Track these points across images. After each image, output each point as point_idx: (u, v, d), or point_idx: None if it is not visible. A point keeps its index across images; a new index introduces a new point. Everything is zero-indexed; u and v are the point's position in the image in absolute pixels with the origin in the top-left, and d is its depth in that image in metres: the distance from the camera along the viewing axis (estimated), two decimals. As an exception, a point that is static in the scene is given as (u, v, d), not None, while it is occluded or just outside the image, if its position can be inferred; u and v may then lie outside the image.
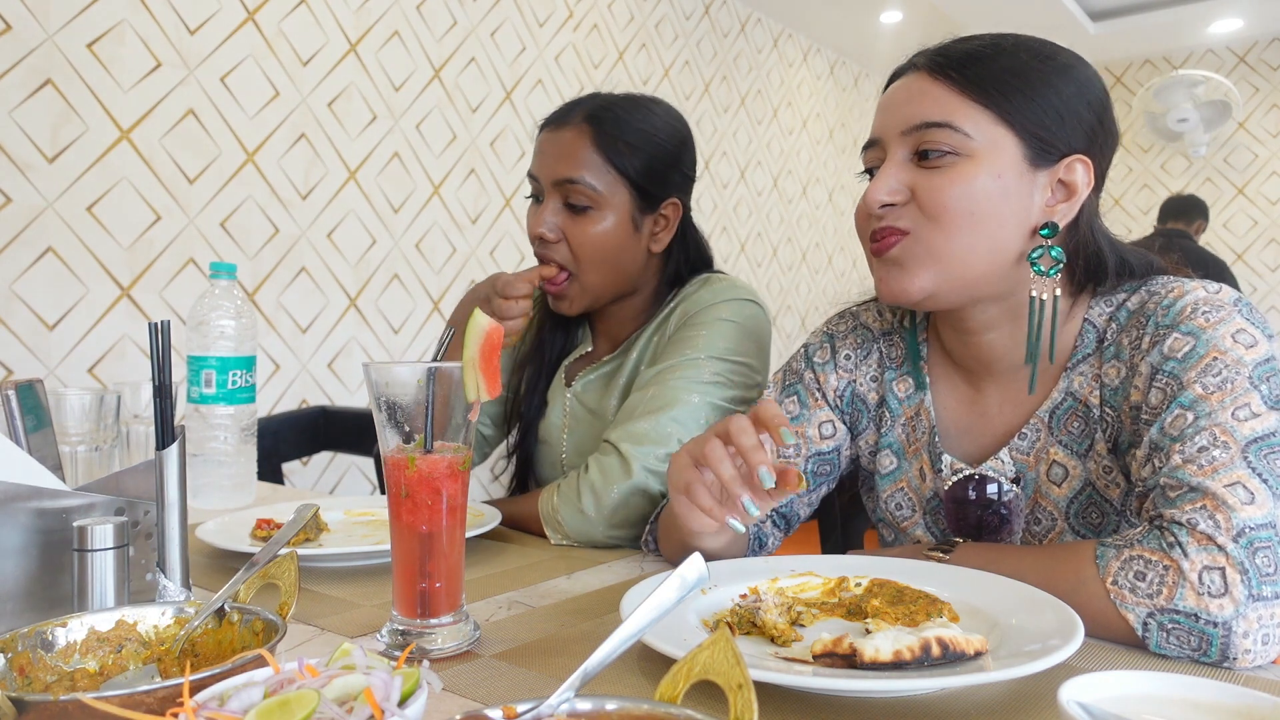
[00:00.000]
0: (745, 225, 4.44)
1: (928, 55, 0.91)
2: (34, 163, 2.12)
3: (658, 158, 1.24)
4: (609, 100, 1.26)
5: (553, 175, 1.23)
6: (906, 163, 0.89)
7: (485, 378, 0.71)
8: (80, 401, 1.12)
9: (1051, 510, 0.93)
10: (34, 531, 0.73)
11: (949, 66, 0.88)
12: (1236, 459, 0.75)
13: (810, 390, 1.07)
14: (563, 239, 1.23)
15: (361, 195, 2.81)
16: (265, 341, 2.59)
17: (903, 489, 1.03)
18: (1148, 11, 4.82)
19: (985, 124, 0.86)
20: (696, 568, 0.52)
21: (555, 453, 1.36)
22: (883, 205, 0.89)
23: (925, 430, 1.01)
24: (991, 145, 0.86)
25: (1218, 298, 0.84)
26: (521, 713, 0.45)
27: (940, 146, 0.86)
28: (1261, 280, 5.15)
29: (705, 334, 1.21)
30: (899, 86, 0.92)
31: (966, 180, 0.86)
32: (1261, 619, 0.70)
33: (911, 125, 0.88)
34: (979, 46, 0.89)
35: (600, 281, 1.26)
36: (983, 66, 0.87)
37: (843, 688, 0.61)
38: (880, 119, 0.93)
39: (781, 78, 4.68)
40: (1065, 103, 0.87)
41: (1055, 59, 0.89)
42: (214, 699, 0.47)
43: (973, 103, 0.86)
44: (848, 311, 1.12)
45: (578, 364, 1.38)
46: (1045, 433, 0.93)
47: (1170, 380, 0.81)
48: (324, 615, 0.84)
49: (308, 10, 2.66)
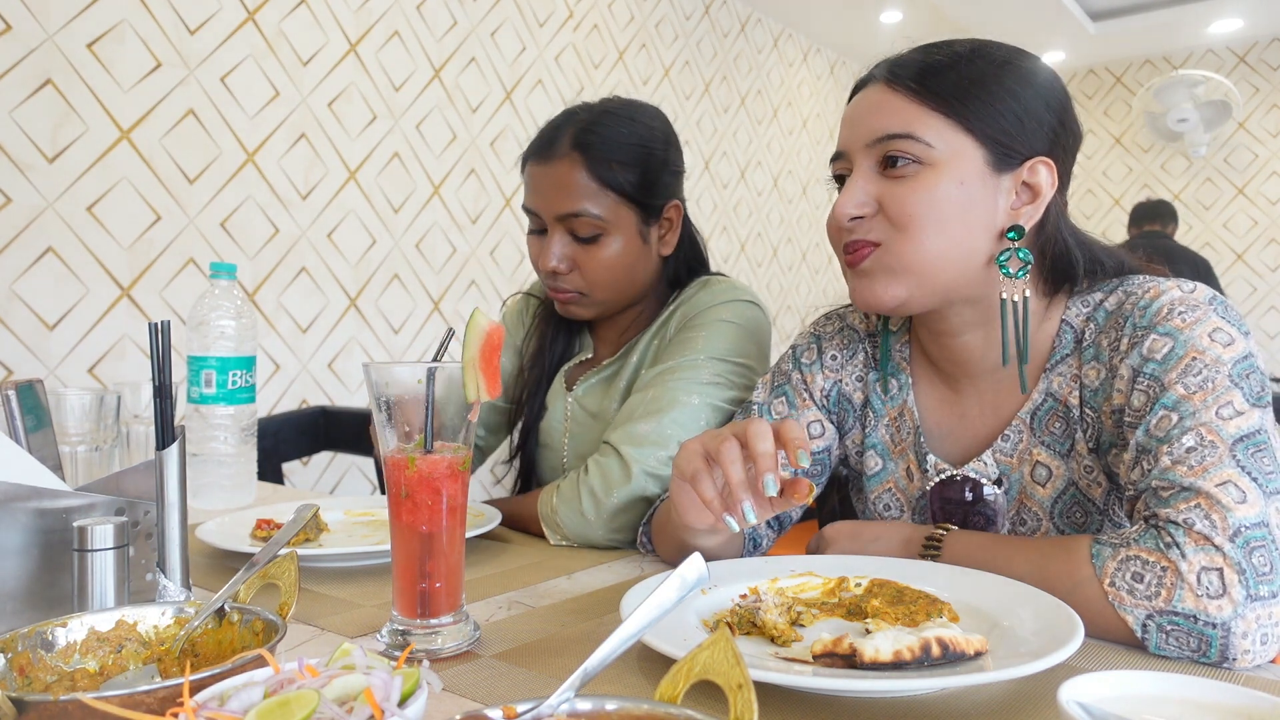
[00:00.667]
0: (745, 225, 4.44)
1: (886, 66, 0.93)
2: (34, 163, 2.12)
3: (650, 167, 1.23)
4: (590, 119, 1.23)
5: (554, 211, 1.21)
6: (872, 174, 0.90)
7: (485, 378, 0.71)
8: (80, 401, 1.12)
9: (1037, 510, 0.94)
10: (34, 531, 0.73)
11: (907, 77, 0.89)
12: (1225, 458, 0.75)
13: (798, 390, 1.08)
14: (574, 268, 1.23)
15: (361, 195, 2.81)
16: (265, 341, 2.59)
17: (890, 489, 1.04)
18: (1148, 11, 4.82)
19: (946, 132, 0.87)
20: (696, 568, 0.52)
21: (557, 456, 1.36)
22: (851, 218, 0.90)
23: (910, 430, 1.01)
24: (953, 153, 0.87)
25: (1193, 297, 0.85)
26: (521, 713, 0.45)
27: (904, 156, 0.88)
28: (1261, 280, 5.14)
29: (705, 335, 1.21)
30: (861, 98, 0.94)
31: (930, 189, 0.87)
32: (1260, 619, 0.70)
33: (875, 137, 0.89)
34: (937, 57, 0.90)
35: (615, 297, 1.26)
36: (941, 76, 0.88)
37: (843, 688, 0.61)
38: (845, 131, 0.94)
39: (781, 78, 4.68)
40: (1025, 106, 0.88)
41: (1013, 63, 0.90)
42: (214, 699, 0.47)
43: (932, 112, 0.88)
44: (834, 313, 1.13)
45: (578, 369, 1.38)
46: (1028, 434, 0.93)
47: (1152, 382, 0.82)
48: (324, 615, 0.84)
49: (308, 10, 2.66)
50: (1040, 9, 4.47)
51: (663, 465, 1.12)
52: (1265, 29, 5.05)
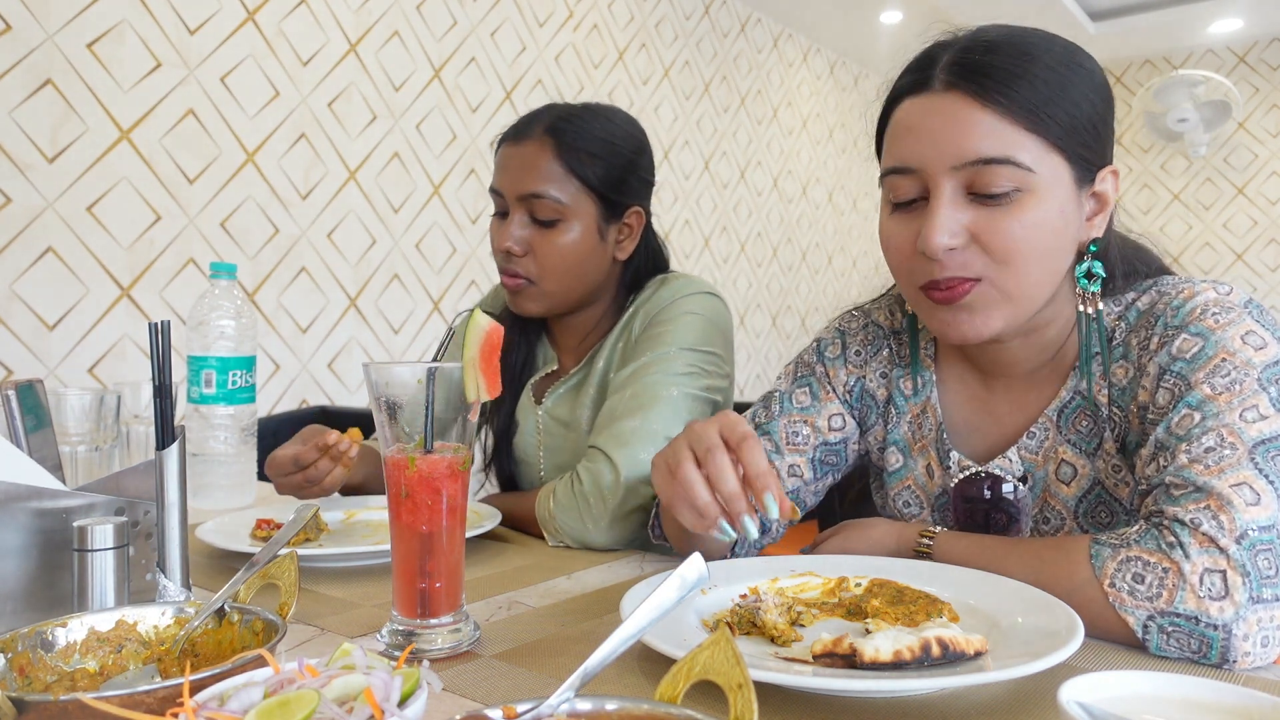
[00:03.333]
0: (745, 225, 4.44)
1: (960, 71, 0.83)
2: (34, 163, 2.12)
3: (617, 164, 1.25)
4: (567, 111, 1.27)
5: (517, 189, 1.23)
6: (960, 199, 0.82)
7: (485, 378, 0.71)
8: (80, 401, 1.12)
9: (1060, 509, 0.92)
10: (34, 531, 0.73)
11: (996, 90, 0.81)
12: (1244, 460, 0.74)
13: (821, 383, 1.07)
14: (529, 252, 1.24)
15: (361, 195, 2.81)
16: (265, 341, 2.59)
17: (910, 486, 1.03)
18: (1148, 11, 4.81)
19: (1041, 153, 0.81)
20: (696, 568, 0.52)
21: (534, 470, 1.36)
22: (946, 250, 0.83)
23: (932, 427, 1.00)
24: (1052, 176, 0.82)
25: (1228, 299, 0.84)
26: (521, 713, 0.45)
27: (1002, 185, 0.80)
28: (1261, 280, 5.14)
29: (672, 329, 1.22)
30: (934, 108, 0.83)
31: (1033, 216, 0.81)
32: (1261, 621, 0.70)
33: (965, 160, 0.81)
34: (1012, 61, 0.82)
35: (561, 290, 1.26)
36: (1027, 85, 0.81)
37: (843, 688, 0.61)
38: (916, 146, 0.84)
39: (781, 78, 4.68)
40: (1099, 114, 0.84)
41: (1085, 67, 0.85)
42: (214, 699, 0.47)
43: (1027, 132, 0.81)
44: (859, 309, 1.11)
45: (544, 381, 1.38)
46: (1054, 432, 0.92)
47: (1178, 380, 0.81)
48: (324, 615, 0.84)
49: (308, 10, 2.66)
50: (1040, 9, 4.47)
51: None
52: (1265, 29, 5.05)
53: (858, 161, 5.29)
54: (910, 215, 0.87)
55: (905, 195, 0.86)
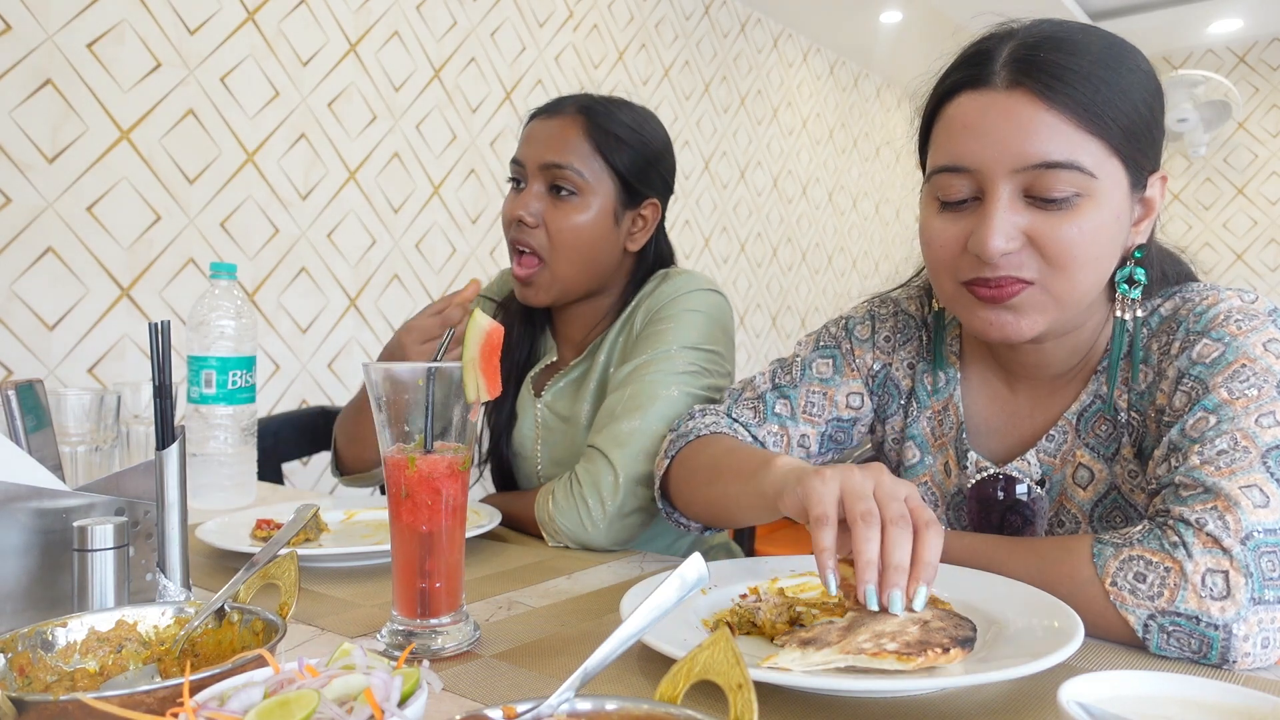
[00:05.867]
0: (745, 225, 4.44)
1: (1024, 68, 0.80)
2: (34, 163, 2.12)
3: (643, 154, 1.26)
4: (602, 99, 1.29)
5: (540, 159, 1.24)
6: (1018, 201, 0.80)
7: (485, 378, 0.71)
8: (80, 401, 1.12)
9: (1075, 513, 0.92)
10: (34, 531, 0.73)
11: (1061, 89, 0.78)
12: (1256, 463, 0.74)
13: (847, 359, 1.05)
14: (541, 225, 1.24)
15: (361, 195, 2.81)
16: (265, 341, 2.59)
17: (926, 483, 1.02)
18: (1148, 11, 4.81)
19: (1102, 158, 0.79)
20: (696, 568, 0.52)
21: (531, 465, 1.36)
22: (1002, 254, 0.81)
23: (953, 425, 1.00)
24: (1109, 180, 0.80)
25: (1253, 307, 0.83)
26: (521, 713, 0.45)
27: (1063, 189, 0.78)
28: (1261, 280, 5.14)
29: (674, 326, 1.21)
30: (998, 109, 0.80)
31: (1091, 222, 0.79)
32: (1262, 622, 0.69)
33: (1027, 163, 0.79)
34: (1075, 60, 0.79)
35: (572, 273, 1.25)
36: (1091, 86, 0.78)
37: (843, 688, 0.61)
38: (974, 146, 0.81)
39: (781, 78, 4.67)
40: (1155, 118, 0.83)
41: (1141, 69, 0.83)
42: (214, 699, 0.47)
43: (1089, 135, 0.79)
44: (889, 297, 1.09)
45: (544, 374, 1.37)
46: (1072, 435, 0.92)
47: (1196, 384, 0.80)
48: (324, 615, 0.84)
49: (308, 10, 2.66)
50: (1040, 9, 4.46)
51: (651, 461, 1.11)
52: (1265, 29, 5.05)
53: (858, 161, 5.29)
54: (960, 214, 0.84)
55: (956, 195, 0.84)
